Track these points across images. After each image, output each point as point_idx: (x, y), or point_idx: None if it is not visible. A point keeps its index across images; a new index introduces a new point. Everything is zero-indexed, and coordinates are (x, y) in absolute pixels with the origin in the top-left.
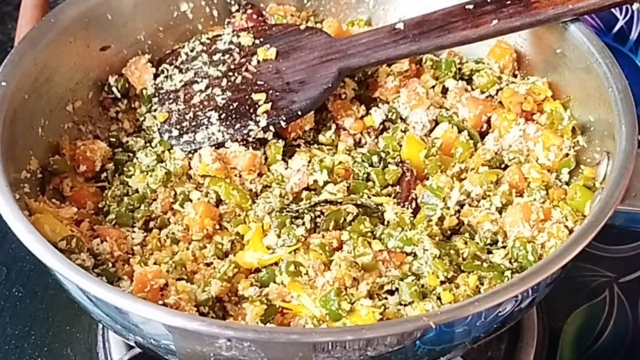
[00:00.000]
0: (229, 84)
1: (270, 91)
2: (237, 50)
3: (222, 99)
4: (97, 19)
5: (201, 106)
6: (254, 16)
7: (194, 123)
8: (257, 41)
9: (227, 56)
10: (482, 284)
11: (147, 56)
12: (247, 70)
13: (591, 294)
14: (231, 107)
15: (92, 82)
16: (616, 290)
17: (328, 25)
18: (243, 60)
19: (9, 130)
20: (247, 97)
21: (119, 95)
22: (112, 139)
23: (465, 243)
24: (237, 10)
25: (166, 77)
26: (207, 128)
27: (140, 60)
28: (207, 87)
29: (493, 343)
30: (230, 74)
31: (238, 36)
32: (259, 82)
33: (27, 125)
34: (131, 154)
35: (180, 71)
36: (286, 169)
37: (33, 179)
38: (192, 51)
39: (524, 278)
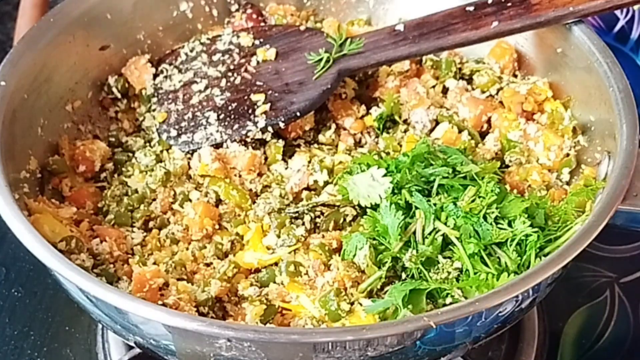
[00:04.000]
0: (228, 84)
1: (269, 92)
2: (237, 50)
3: (221, 99)
4: (97, 18)
5: (200, 106)
6: (254, 16)
7: (192, 123)
8: (256, 42)
9: (226, 56)
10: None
11: (147, 56)
12: (246, 70)
13: (592, 295)
14: (230, 108)
15: (91, 82)
16: (617, 291)
17: (328, 24)
18: (242, 60)
19: (8, 130)
20: (246, 97)
21: (118, 95)
22: (112, 139)
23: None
24: (237, 10)
25: (165, 77)
26: (205, 128)
27: (139, 60)
28: (206, 88)
29: (493, 343)
30: (230, 74)
31: (238, 36)
32: (258, 83)
33: (27, 125)
34: (130, 154)
35: (180, 71)
36: (286, 168)
37: (32, 179)
38: (191, 51)
39: (524, 278)
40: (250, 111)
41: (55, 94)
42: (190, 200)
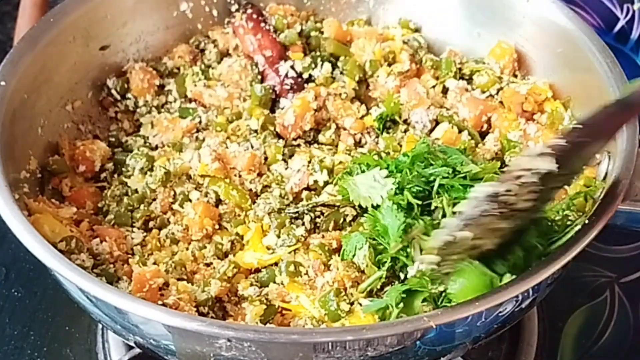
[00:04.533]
0: None
1: None
2: None
3: None
4: (97, 18)
5: None
6: (254, 16)
7: None
8: None
9: None
10: None
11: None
12: None
13: (592, 294)
14: None
15: (91, 82)
16: (617, 291)
17: (328, 25)
18: None
19: (9, 130)
20: None
21: (118, 97)
22: (112, 139)
23: None
24: (237, 10)
25: None
26: None
27: (146, 72)
28: None
29: (493, 343)
30: None
31: None
32: None
33: (27, 125)
34: (130, 154)
35: None
36: (286, 169)
37: (32, 179)
38: None
39: (524, 278)
40: None
41: (56, 94)
42: (190, 200)
